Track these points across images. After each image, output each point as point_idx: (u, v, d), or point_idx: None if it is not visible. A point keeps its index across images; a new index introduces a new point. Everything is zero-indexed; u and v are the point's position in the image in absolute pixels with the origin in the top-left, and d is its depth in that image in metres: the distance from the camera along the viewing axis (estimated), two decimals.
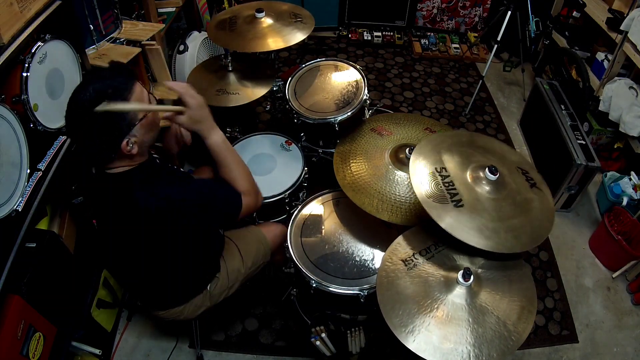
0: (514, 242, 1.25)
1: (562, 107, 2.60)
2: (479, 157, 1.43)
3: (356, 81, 2.04)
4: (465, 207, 1.29)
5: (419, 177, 1.35)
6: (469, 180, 1.35)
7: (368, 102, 2.00)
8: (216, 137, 1.33)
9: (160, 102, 1.28)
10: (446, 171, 1.37)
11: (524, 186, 1.39)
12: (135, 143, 1.16)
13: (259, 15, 2.04)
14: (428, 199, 1.30)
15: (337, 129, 1.88)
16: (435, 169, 1.37)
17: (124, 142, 1.14)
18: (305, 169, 1.93)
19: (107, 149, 1.14)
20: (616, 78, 2.52)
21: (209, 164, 1.98)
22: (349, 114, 1.88)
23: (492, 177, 1.32)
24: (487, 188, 1.33)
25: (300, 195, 1.95)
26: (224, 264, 1.58)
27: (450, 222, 1.26)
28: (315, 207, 1.80)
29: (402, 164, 1.70)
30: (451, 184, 1.34)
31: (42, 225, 1.54)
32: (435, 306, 1.22)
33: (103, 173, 1.20)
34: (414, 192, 1.37)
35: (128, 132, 1.14)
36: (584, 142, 2.37)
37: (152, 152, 1.39)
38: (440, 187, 1.33)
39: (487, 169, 1.33)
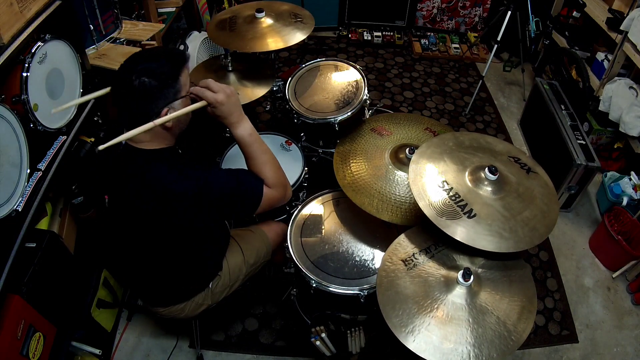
0: (533, 235, 1.25)
1: (562, 107, 2.60)
2: (471, 158, 1.43)
3: (356, 81, 2.04)
4: (479, 215, 1.27)
5: (425, 198, 1.32)
6: (471, 185, 1.34)
7: (368, 102, 2.00)
8: (242, 130, 1.30)
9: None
10: (448, 184, 1.35)
11: (521, 175, 1.39)
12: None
13: (259, 15, 2.04)
14: (441, 219, 1.27)
15: (337, 129, 1.88)
16: (437, 185, 1.36)
17: (165, 110, 1.17)
18: (306, 169, 1.93)
19: (149, 111, 1.16)
20: (616, 78, 2.52)
21: (213, 163, 1.99)
22: (349, 114, 1.88)
23: (493, 177, 1.32)
24: (490, 189, 1.33)
25: (300, 195, 1.95)
26: (225, 262, 1.58)
27: (470, 235, 1.24)
28: (315, 207, 1.80)
29: (402, 164, 1.69)
30: (457, 195, 1.32)
31: (42, 225, 1.54)
32: (435, 306, 1.22)
33: (131, 148, 1.22)
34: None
35: (171, 102, 1.19)
36: (584, 142, 2.37)
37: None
38: (448, 202, 1.31)
39: (486, 169, 1.32)
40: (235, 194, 1.27)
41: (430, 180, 1.37)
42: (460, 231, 1.25)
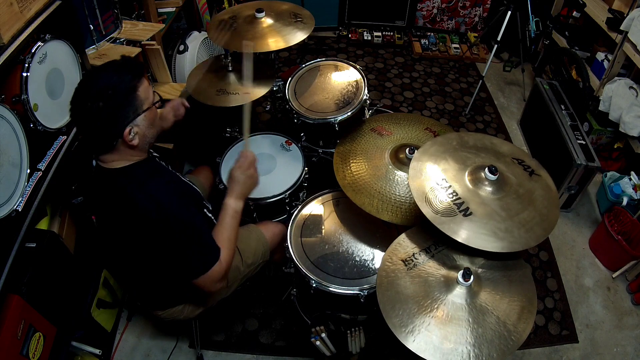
0: (528, 236, 1.25)
1: (562, 107, 2.60)
2: (473, 158, 1.42)
3: (356, 81, 2.04)
4: (475, 214, 1.27)
5: (422, 195, 1.32)
6: (470, 185, 1.34)
7: (368, 102, 2.00)
8: (234, 203, 1.37)
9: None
10: (446, 182, 1.35)
11: (523, 177, 1.39)
12: (137, 134, 1.18)
13: (259, 15, 2.04)
14: (437, 215, 1.27)
15: (337, 129, 1.88)
16: (436, 182, 1.36)
17: (127, 130, 1.16)
18: (306, 169, 1.93)
19: (111, 134, 1.16)
20: (616, 78, 2.52)
21: (208, 164, 1.99)
22: (349, 114, 1.88)
23: (493, 177, 1.32)
24: (490, 189, 1.32)
25: (300, 195, 1.95)
26: None
27: (465, 233, 1.24)
28: (315, 207, 1.80)
29: (402, 164, 1.69)
30: (454, 194, 1.32)
31: (42, 225, 1.54)
32: (435, 306, 1.22)
33: (102, 169, 1.21)
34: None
35: (132, 120, 1.17)
36: (584, 142, 2.37)
37: (151, 151, 1.39)
38: (445, 200, 1.31)
39: (486, 169, 1.32)
40: (189, 243, 1.22)
41: (429, 178, 1.37)
42: (454, 229, 1.25)
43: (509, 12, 2.88)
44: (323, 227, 1.73)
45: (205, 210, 1.48)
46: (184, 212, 1.23)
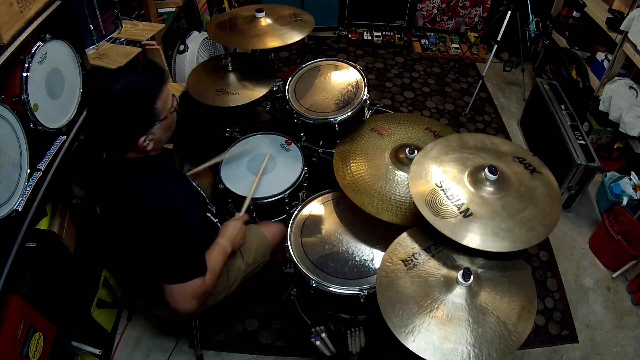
0: (530, 235, 1.24)
1: (562, 107, 2.60)
2: (474, 158, 1.42)
3: (356, 81, 2.04)
4: (475, 215, 1.27)
5: (423, 198, 1.33)
6: (471, 186, 1.34)
7: (368, 102, 2.00)
8: (225, 244, 1.43)
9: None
10: (447, 184, 1.35)
11: (524, 175, 1.39)
12: (152, 140, 1.19)
13: (258, 15, 2.04)
14: (437, 218, 1.28)
15: (337, 129, 1.88)
16: (436, 184, 1.36)
17: (142, 139, 1.16)
18: (305, 169, 1.92)
19: (124, 142, 1.16)
20: (616, 78, 2.52)
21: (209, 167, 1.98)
22: (349, 114, 1.88)
23: (493, 177, 1.32)
24: (490, 189, 1.33)
25: (300, 195, 1.95)
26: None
27: (466, 235, 1.24)
28: (315, 207, 1.80)
29: (402, 164, 1.69)
30: (455, 195, 1.32)
31: (42, 225, 1.54)
32: (435, 306, 1.22)
33: (115, 157, 1.23)
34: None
35: (148, 130, 1.17)
36: (584, 142, 2.37)
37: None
38: (446, 202, 1.31)
39: (486, 169, 1.32)
40: (184, 246, 1.21)
41: (430, 180, 1.37)
42: (454, 229, 1.25)
43: (509, 12, 2.88)
44: (323, 227, 1.73)
45: (209, 214, 1.48)
46: (188, 213, 1.23)
